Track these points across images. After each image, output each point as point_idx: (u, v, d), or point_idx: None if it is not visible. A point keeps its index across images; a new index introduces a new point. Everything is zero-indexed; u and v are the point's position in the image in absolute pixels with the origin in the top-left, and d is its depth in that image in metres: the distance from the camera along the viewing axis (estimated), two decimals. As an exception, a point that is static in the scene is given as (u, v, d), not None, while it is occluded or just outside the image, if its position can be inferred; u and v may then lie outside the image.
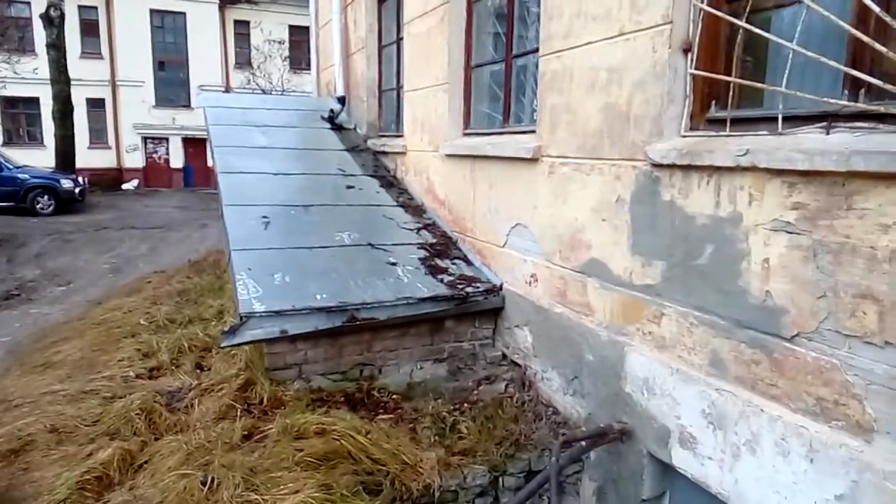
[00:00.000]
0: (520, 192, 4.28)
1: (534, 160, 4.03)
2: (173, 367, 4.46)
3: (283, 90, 25.61)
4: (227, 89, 28.02)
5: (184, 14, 27.70)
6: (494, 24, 4.92)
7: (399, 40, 6.65)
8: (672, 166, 2.89)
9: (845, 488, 2.22)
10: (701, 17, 2.78)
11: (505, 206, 4.51)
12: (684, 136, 2.91)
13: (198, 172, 28.09)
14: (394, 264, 4.78)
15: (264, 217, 5.24)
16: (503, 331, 4.65)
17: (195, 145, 27.80)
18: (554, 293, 3.99)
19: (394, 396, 4.13)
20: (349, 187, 6.32)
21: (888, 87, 2.09)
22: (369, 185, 6.44)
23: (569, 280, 3.81)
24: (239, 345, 3.90)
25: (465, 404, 4.10)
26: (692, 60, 2.84)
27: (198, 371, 4.39)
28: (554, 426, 3.83)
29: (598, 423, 3.43)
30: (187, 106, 27.35)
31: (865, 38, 2.13)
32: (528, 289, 4.30)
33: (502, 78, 4.73)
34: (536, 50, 3.99)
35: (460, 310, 4.52)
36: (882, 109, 2.13)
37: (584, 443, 3.28)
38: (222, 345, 3.83)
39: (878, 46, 2.10)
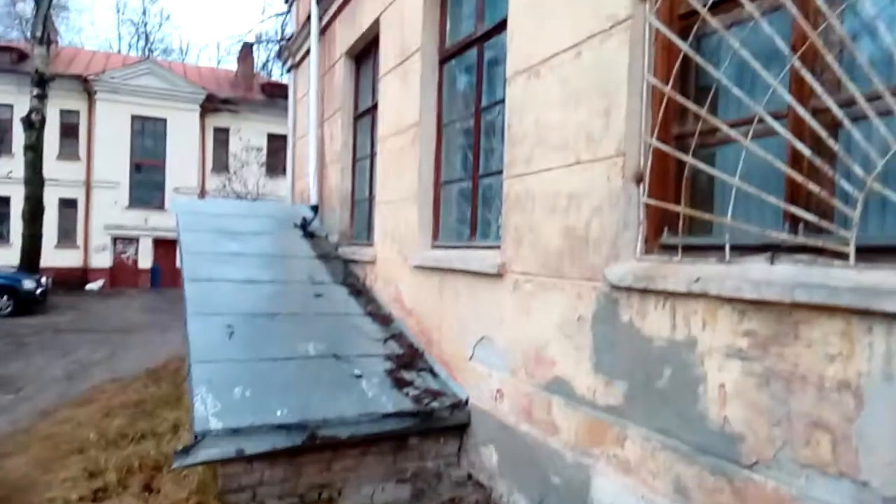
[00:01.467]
0: (486, 305, 4.33)
1: (499, 275, 4.12)
2: (120, 489, 4.19)
3: (259, 195, 26.07)
4: (203, 192, 28.43)
5: (165, 120, 28.53)
6: (463, 145, 5.18)
7: (373, 155, 6.93)
8: (629, 289, 2.98)
9: None
10: (651, 150, 2.97)
11: (472, 319, 4.54)
12: (639, 260, 3.02)
13: (166, 273, 27.81)
14: (359, 377, 4.70)
15: (229, 327, 5.17)
16: (469, 448, 4.52)
17: (166, 246, 27.71)
18: (519, 410, 3.94)
19: (353, 521, 3.92)
20: (318, 295, 6.31)
21: (823, 223, 2.24)
22: (338, 293, 6.45)
23: (534, 397, 3.78)
24: (192, 465, 3.71)
25: (428, 530, 3.90)
26: (644, 190, 3.01)
27: (146, 494, 4.13)
28: (520, 554, 3.65)
29: (565, 553, 3.28)
30: (161, 207, 27.51)
31: (799, 178, 2.30)
32: (493, 405, 4.24)
33: (470, 194, 4.92)
34: (502, 171, 4.19)
35: (425, 426, 4.41)
36: (820, 244, 2.26)
37: (550, 575, 3.12)
38: (174, 465, 3.64)
39: (810, 186, 2.27)
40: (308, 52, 8.63)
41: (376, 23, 6.45)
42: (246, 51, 32.29)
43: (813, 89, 2.26)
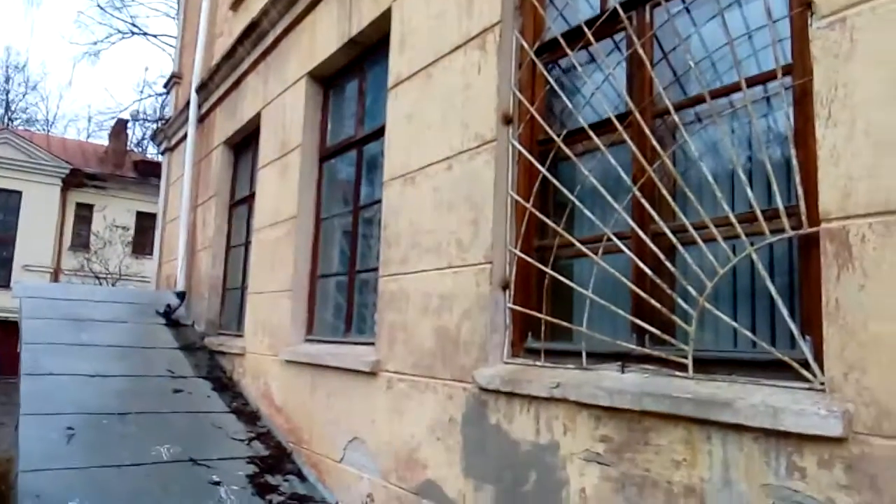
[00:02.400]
0: (358, 404, 4.22)
1: (373, 374, 4.06)
2: None
3: (122, 276, 24.23)
4: (58, 272, 25.92)
5: (20, 193, 26.15)
6: (341, 240, 5.20)
7: (248, 244, 6.74)
8: (497, 392, 3.04)
9: None
10: (515, 259, 3.15)
11: (344, 418, 4.39)
12: (506, 363, 3.12)
13: (7, 359, 24.57)
14: (217, 483, 4.33)
15: (69, 429, 4.62)
16: (337, 561, 4.25)
17: (7, 328, 24.66)
18: (390, 517, 3.79)
19: None
20: (177, 391, 5.84)
21: (665, 336, 2.45)
22: (200, 388, 6.02)
23: (405, 502, 3.67)
24: None
25: None
26: (510, 296, 3.16)
27: None
28: None
29: None
30: (6, 286, 24.67)
31: (643, 294, 2.52)
32: (363, 511, 4.06)
33: (346, 289, 4.89)
34: (377, 269, 4.22)
35: (289, 537, 4.11)
36: (664, 355, 2.47)
37: None
38: None
39: (653, 302, 2.49)
40: (185, 136, 8.42)
41: (257, 116, 6.46)
42: (119, 127, 30.78)
43: (651, 215, 2.54)
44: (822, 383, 1.93)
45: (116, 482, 4.09)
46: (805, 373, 2.00)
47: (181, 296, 7.73)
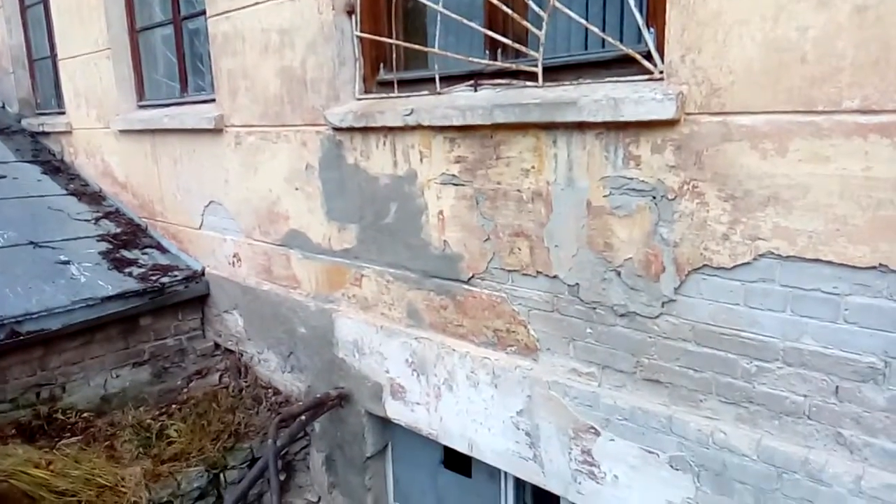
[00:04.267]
0: (208, 166, 3.95)
1: (218, 131, 3.74)
2: None
3: None
4: None
5: None
6: (157, -19, 4.40)
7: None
8: (351, 129, 2.91)
9: (523, 404, 2.53)
10: (359, -22, 2.80)
11: (195, 184, 4.13)
12: (359, 99, 2.95)
13: None
14: (66, 263, 4.07)
15: None
16: (212, 319, 4.31)
17: None
18: (259, 270, 3.80)
19: (84, 415, 3.55)
20: (1, 177, 5.18)
21: (517, 46, 2.35)
22: (28, 173, 5.36)
23: (272, 255, 3.67)
24: None
25: (174, 406, 3.72)
26: (357, 23, 2.86)
27: None
28: (275, 407, 3.70)
29: (316, 395, 3.39)
30: None
31: (495, 1, 2.35)
32: (232, 270, 4.04)
33: (174, 41, 4.27)
34: (205, 11, 3.66)
35: (157, 304, 4.05)
36: (514, 67, 2.39)
37: (303, 417, 3.22)
38: None
39: (504, 8, 2.34)
40: None
41: None
42: None
43: None
44: (662, 71, 1.96)
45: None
46: (647, 64, 2.01)
47: (-23, 72, 6.49)
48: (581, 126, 2.11)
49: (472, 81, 2.51)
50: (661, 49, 1.97)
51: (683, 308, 2.01)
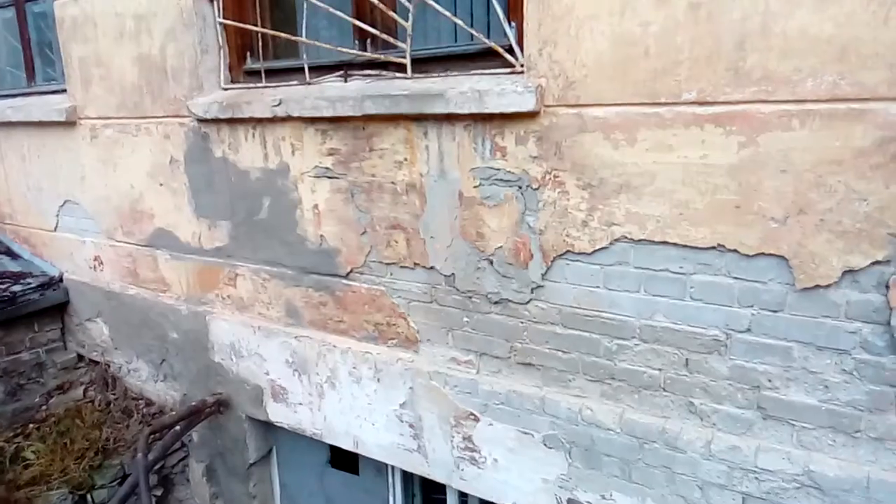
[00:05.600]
0: (62, 162, 3.62)
1: (71, 123, 3.44)
2: None
3: None
4: None
5: None
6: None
7: None
8: (218, 121, 2.76)
9: (406, 396, 2.53)
10: (220, -38, 2.66)
11: (48, 182, 3.78)
12: (225, 89, 2.81)
13: None
14: None
15: None
16: (74, 328, 3.97)
17: None
18: (124, 274, 3.54)
19: (-81, 444, 3.17)
20: None
21: (385, 36, 2.33)
22: None
23: (137, 256, 3.42)
24: None
25: (32, 425, 3.41)
26: (219, 9, 2.72)
27: None
28: (148, 419, 3.47)
29: (192, 403, 3.21)
30: None
31: (362, -8, 2.31)
32: (93, 274, 3.73)
33: (17, 25, 3.87)
34: (50, -8, 3.34)
35: (8, 314, 3.67)
36: (383, 58, 2.37)
37: (178, 427, 3.04)
38: None
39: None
40: None
41: None
42: None
43: None
44: (522, 65, 2.01)
45: None
46: (509, 57, 2.06)
47: None
48: (450, 118, 2.12)
49: (342, 72, 2.47)
50: (521, 43, 2.03)
51: (551, 293, 2.09)
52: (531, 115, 1.95)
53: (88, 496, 3.10)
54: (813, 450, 1.77)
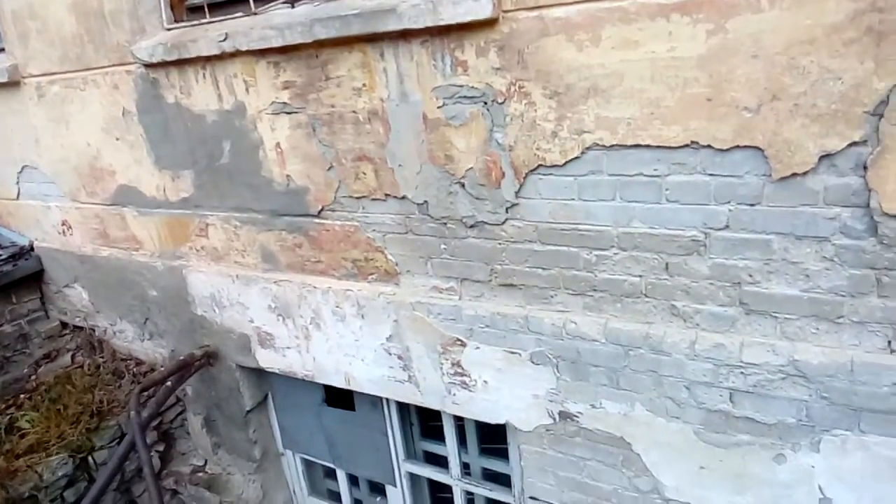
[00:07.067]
0: (13, 126, 3.46)
1: (14, 83, 3.26)
2: None
3: None
4: None
5: None
6: None
7: None
8: (165, 64, 2.62)
9: (391, 329, 2.51)
10: None
11: (2, 149, 3.62)
12: (169, 29, 2.65)
13: None
14: None
15: None
16: (53, 296, 3.90)
17: None
18: (94, 236, 3.45)
19: (-89, 424, 3.15)
20: None
21: (329, -46, 2.18)
22: None
23: (104, 217, 3.33)
24: None
25: (23, 396, 3.39)
26: (150, -60, 2.54)
27: None
28: (140, 378, 3.46)
29: (180, 358, 3.19)
30: None
31: None
32: (64, 240, 3.64)
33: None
34: (-32, -59, 3.09)
35: (-19, 289, 3.60)
36: (330, -22, 2.22)
37: (168, 382, 3.03)
38: None
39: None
40: None
41: None
42: None
43: None
44: (476, -32, 1.88)
45: None
46: (461, -38, 1.92)
47: None
48: (405, 35, 2.01)
49: (288, -2, 2.32)
50: (473, -55, 1.89)
51: (526, 210, 2.04)
52: (490, 23, 1.84)
53: (90, 458, 3.11)
54: (797, 340, 1.77)
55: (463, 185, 2.13)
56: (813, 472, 1.84)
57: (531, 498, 2.46)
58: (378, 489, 3.31)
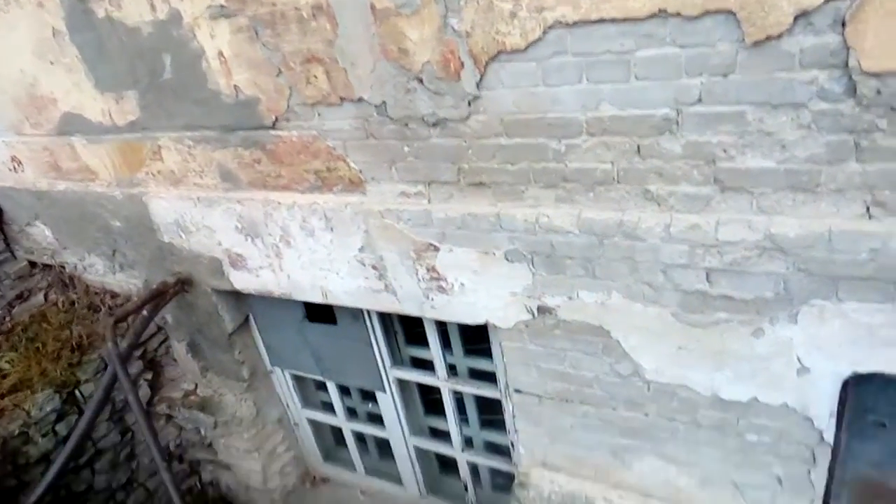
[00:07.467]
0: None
1: (-72, 10, 2.97)
2: None
3: None
4: None
5: None
6: None
7: None
8: (85, -28, 2.38)
9: (362, 240, 2.45)
10: None
11: (-69, 85, 3.37)
12: (83, -70, 2.38)
13: None
14: None
15: None
16: (16, 236, 3.78)
17: None
18: (46, 170, 3.29)
19: None
20: None
21: None
22: None
23: (53, 148, 3.15)
24: None
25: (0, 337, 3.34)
26: None
27: None
28: (115, 309, 3.40)
29: (152, 286, 3.13)
30: None
31: None
32: (16, 177, 3.47)
33: None
34: None
35: (-62, 235, 3.47)
36: None
37: (144, 312, 2.98)
38: None
39: None
40: None
41: None
42: None
43: None
44: None
45: None
46: None
47: None
48: (340, -87, 1.80)
49: None
50: None
51: (489, 103, 1.92)
52: None
53: (77, 391, 3.12)
54: (773, 213, 1.72)
55: (421, 81, 1.99)
56: (791, 342, 1.85)
57: (516, 391, 2.50)
58: (369, 396, 3.38)
